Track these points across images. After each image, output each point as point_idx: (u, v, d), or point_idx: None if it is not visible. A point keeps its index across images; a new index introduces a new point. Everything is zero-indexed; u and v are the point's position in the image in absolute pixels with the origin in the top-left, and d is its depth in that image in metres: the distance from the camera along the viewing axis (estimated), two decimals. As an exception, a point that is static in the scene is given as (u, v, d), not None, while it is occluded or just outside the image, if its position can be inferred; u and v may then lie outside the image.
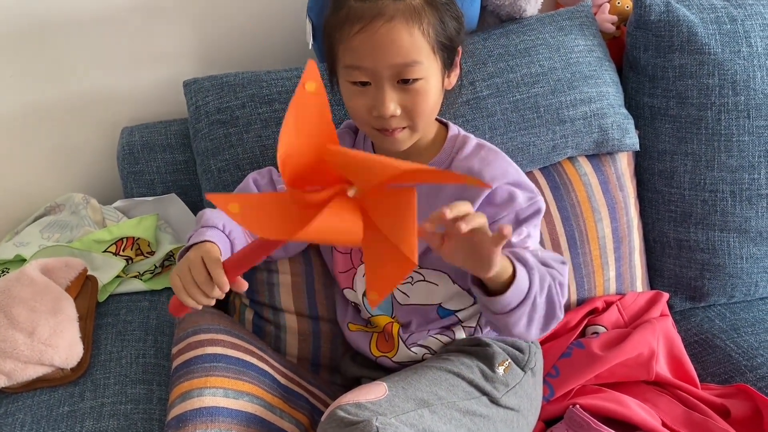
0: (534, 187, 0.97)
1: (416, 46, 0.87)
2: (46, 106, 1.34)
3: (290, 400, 0.97)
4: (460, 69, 0.97)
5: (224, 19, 1.35)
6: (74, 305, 1.02)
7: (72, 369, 0.97)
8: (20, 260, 1.18)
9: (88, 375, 0.98)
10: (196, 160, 1.21)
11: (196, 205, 1.27)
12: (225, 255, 0.90)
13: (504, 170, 0.95)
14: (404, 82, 0.88)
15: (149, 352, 1.03)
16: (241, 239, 0.97)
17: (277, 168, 1.07)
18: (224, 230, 0.95)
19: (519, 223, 0.93)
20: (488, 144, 1.00)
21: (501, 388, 0.94)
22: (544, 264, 0.90)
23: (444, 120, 1.03)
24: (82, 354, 0.98)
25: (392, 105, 0.88)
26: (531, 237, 0.93)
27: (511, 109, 1.18)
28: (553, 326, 0.88)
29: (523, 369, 0.98)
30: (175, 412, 0.86)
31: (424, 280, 1.01)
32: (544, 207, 0.96)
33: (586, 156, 1.25)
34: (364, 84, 0.89)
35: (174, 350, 0.96)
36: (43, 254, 1.13)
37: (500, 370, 0.96)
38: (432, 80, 0.90)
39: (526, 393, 0.98)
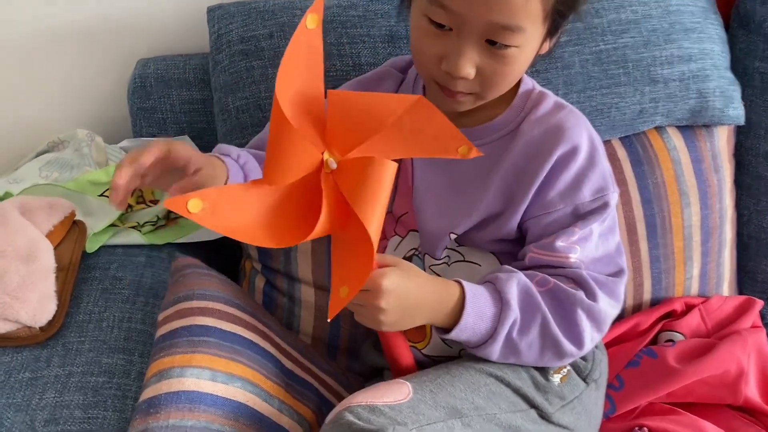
0: (609, 176, 0.78)
1: (527, 11, 0.67)
2: (56, 31, 1.19)
3: (294, 389, 0.80)
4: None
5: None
6: (53, 253, 0.87)
7: (41, 328, 0.82)
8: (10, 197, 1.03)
9: (59, 337, 0.83)
10: (213, 97, 1.04)
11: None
12: (234, 181, 0.76)
13: (578, 146, 0.75)
14: (492, 44, 0.69)
15: (136, 316, 0.88)
16: (255, 173, 0.81)
17: None
18: (238, 160, 0.80)
19: (576, 218, 0.76)
20: (570, 105, 0.80)
21: (555, 402, 0.75)
22: (586, 283, 0.74)
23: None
24: (55, 312, 0.83)
25: (468, 66, 0.69)
26: (586, 240, 0.75)
27: (592, 62, 0.97)
28: (568, 360, 0.76)
29: (585, 380, 0.79)
30: (148, 393, 0.70)
31: (464, 260, 0.83)
32: (615, 200, 0.77)
33: (678, 127, 1.04)
34: (442, 26, 0.70)
35: (160, 317, 0.80)
36: (30, 193, 0.98)
37: (556, 378, 0.77)
38: (527, 49, 0.71)
39: (586, 409, 0.78)
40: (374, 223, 0.61)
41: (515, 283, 0.72)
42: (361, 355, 0.95)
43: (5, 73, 1.20)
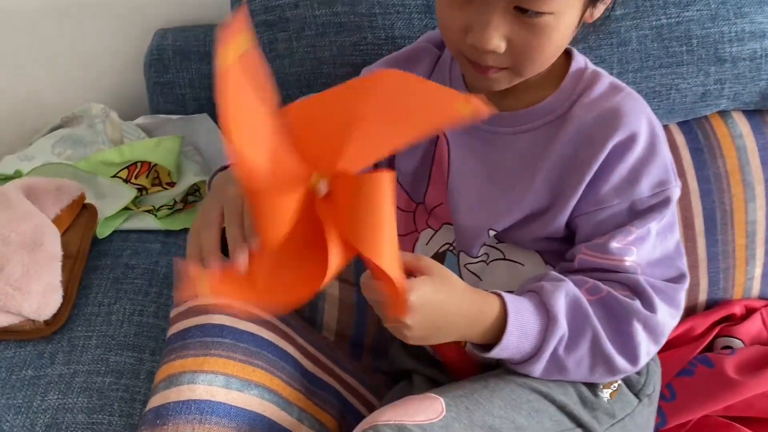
0: (671, 167, 0.68)
1: None
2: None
3: (315, 395, 0.73)
4: None
5: None
6: (60, 240, 0.81)
7: (46, 322, 0.76)
8: (20, 176, 0.98)
9: (65, 331, 0.77)
10: (234, 72, 0.97)
11: (233, 130, 1.03)
12: None
13: (636, 133, 0.66)
14: (522, 12, 0.59)
15: (149, 308, 0.82)
16: None
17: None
18: None
19: (632, 216, 0.67)
20: (627, 87, 0.71)
21: (604, 420, 0.68)
22: (640, 290, 0.65)
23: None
24: (61, 304, 0.77)
25: (496, 38, 0.60)
26: (642, 240, 0.66)
27: (651, 38, 0.88)
28: (621, 377, 0.69)
29: (637, 395, 0.71)
30: (155, 401, 0.64)
31: (504, 259, 0.75)
32: (677, 194, 0.68)
33: (744, 111, 0.94)
34: None
35: (172, 313, 0.74)
36: (39, 172, 0.93)
37: (605, 394, 0.69)
38: (565, 17, 0.61)
39: (638, 427, 0.71)
40: (385, 251, 0.50)
41: (563, 294, 0.64)
42: (389, 355, 0.88)
43: (18, 45, 1.14)
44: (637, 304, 0.64)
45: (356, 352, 0.92)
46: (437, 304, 0.59)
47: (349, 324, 0.92)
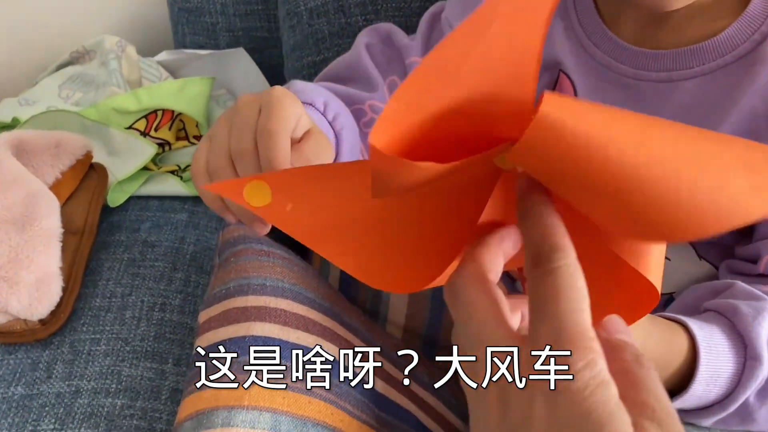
0: None
1: None
2: None
3: (388, 425, 0.56)
4: None
5: None
6: (59, 212, 0.63)
7: (41, 321, 0.59)
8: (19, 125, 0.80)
9: (66, 331, 0.60)
10: (278, -4, 0.77)
11: (276, 70, 0.84)
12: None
13: None
14: None
15: (173, 301, 0.64)
16: (352, 136, 0.56)
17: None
18: (325, 113, 0.54)
19: None
20: None
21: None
22: None
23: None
24: (60, 297, 0.60)
25: None
26: None
27: None
28: None
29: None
30: (179, 448, 0.47)
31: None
32: None
33: None
34: None
35: (202, 316, 0.56)
36: (36, 123, 0.75)
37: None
38: None
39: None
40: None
41: (766, 320, 0.45)
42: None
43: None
44: None
45: (428, 350, 0.74)
46: None
47: (421, 319, 0.74)
